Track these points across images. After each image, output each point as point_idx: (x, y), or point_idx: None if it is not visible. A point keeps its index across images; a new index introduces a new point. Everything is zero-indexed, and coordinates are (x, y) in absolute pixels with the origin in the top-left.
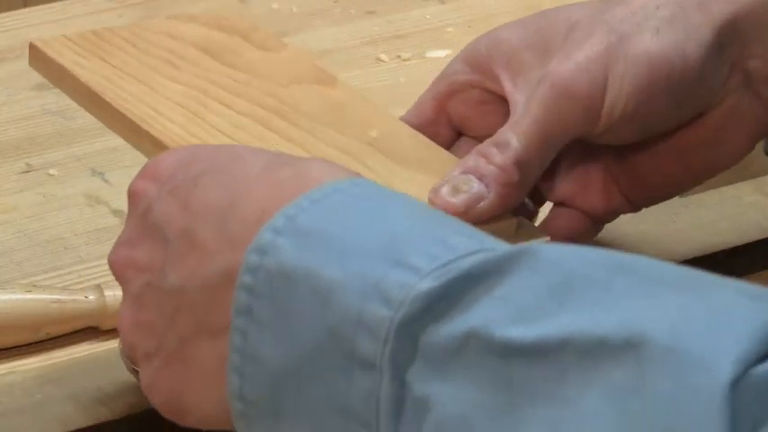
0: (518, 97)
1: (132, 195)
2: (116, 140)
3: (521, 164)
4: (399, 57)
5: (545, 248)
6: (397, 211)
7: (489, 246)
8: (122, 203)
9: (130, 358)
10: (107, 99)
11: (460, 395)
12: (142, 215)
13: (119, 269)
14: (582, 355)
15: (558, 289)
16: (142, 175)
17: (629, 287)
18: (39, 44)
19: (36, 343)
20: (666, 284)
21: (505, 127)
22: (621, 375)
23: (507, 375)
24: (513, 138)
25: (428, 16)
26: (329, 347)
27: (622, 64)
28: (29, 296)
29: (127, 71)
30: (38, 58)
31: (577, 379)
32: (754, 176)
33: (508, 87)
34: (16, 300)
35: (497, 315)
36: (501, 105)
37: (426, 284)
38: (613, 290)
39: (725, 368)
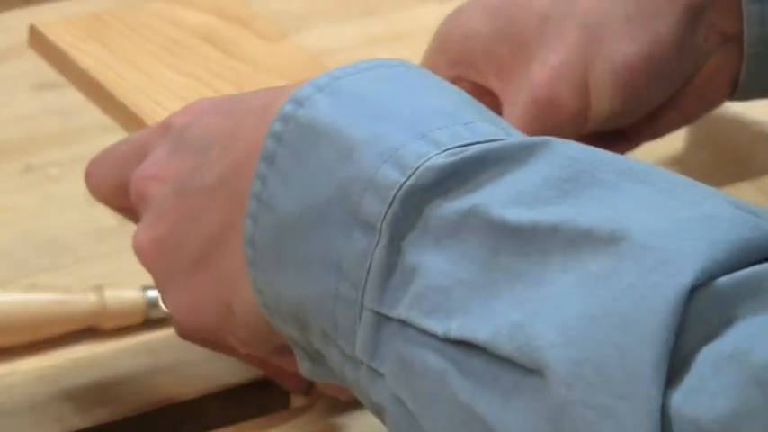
0: (507, 98)
1: (166, 125)
2: (116, 141)
3: None
4: (399, 57)
5: (564, 143)
6: (436, 92)
7: (514, 137)
8: None
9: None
10: (108, 88)
11: (447, 268)
12: (177, 134)
13: (141, 186)
14: (568, 243)
15: (565, 183)
16: (180, 112)
17: (633, 193)
18: (39, 26)
19: (36, 343)
20: (672, 194)
21: None
22: (597, 265)
23: (495, 254)
24: None
25: (428, 16)
26: (336, 203)
27: (600, 64)
28: (29, 296)
29: (127, 58)
30: (38, 40)
31: (558, 264)
32: (754, 176)
33: (496, 85)
34: (16, 300)
35: (500, 197)
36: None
37: (442, 159)
38: (618, 193)
39: (688, 272)
